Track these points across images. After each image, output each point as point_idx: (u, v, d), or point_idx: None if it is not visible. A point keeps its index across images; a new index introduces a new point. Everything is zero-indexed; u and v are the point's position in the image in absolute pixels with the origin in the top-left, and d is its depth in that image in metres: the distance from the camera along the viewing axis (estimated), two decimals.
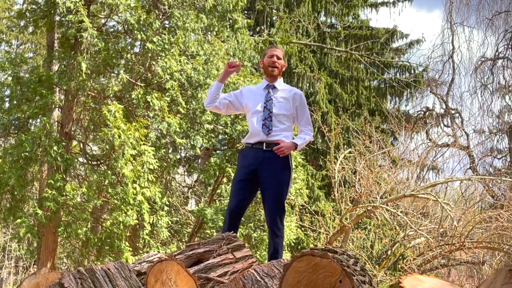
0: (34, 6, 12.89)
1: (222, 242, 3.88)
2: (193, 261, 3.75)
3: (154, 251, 11.49)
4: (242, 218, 12.49)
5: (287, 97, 5.11)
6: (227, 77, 5.27)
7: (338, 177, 13.38)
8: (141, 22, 11.69)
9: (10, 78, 12.20)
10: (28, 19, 13.00)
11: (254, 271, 3.38)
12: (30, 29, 14.14)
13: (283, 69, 5.26)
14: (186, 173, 18.73)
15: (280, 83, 5.22)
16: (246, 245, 12.84)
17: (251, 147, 5.02)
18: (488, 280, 2.34)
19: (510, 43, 20.31)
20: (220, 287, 3.43)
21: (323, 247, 2.73)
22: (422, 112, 21.78)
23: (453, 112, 21.54)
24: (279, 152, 4.90)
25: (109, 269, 2.84)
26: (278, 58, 5.17)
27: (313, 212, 15.74)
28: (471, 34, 31.16)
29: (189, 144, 12.86)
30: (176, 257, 3.72)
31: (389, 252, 14.46)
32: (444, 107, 21.63)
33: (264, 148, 4.94)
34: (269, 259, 4.71)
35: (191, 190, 16.59)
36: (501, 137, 20.47)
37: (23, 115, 12.25)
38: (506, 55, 20.61)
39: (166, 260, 3.03)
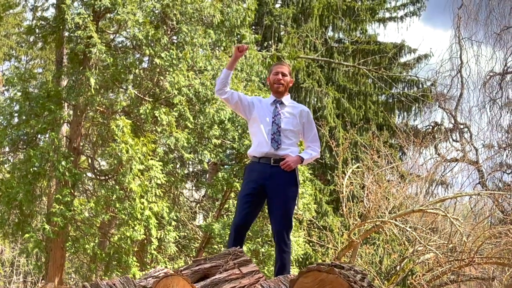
0: (43, 22, 13.02)
1: (228, 257, 3.84)
2: (199, 277, 3.72)
3: (161, 266, 11.46)
4: (250, 233, 12.47)
5: (294, 113, 5.12)
6: (236, 62, 5.22)
7: (346, 192, 13.32)
8: (149, 37, 11.76)
9: (19, 94, 12.26)
10: (37, 35, 13.11)
11: (260, 286, 3.35)
12: (39, 44, 14.26)
13: (290, 85, 5.26)
14: (194, 188, 18.71)
15: (287, 99, 5.22)
16: (254, 260, 12.76)
17: (258, 162, 5.00)
18: None
19: None
20: None
21: (330, 263, 2.70)
22: (431, 127, 21.69)
23: (461, 126, 21.43)
24: (285, 167, 4.88)
25: (114, 284, 2.82)
26: (284, 74, 5.16)
27: (321, 227, 15.67)
28: (479, 49, 30.93)
29: (197, 159, 12.87)
30: (183, 272, 3.69)
31: (398, 268, 14.36)
32: (453, 121, 21.52)
33: (272, 163, 4.93)
34: (276, 274, 4.67)
35: (198, 205, 16.57)
36: (510, 152, 20.30)
37: (31, 130, 12.31)
38: None
39: (172, 275, 3.01)
